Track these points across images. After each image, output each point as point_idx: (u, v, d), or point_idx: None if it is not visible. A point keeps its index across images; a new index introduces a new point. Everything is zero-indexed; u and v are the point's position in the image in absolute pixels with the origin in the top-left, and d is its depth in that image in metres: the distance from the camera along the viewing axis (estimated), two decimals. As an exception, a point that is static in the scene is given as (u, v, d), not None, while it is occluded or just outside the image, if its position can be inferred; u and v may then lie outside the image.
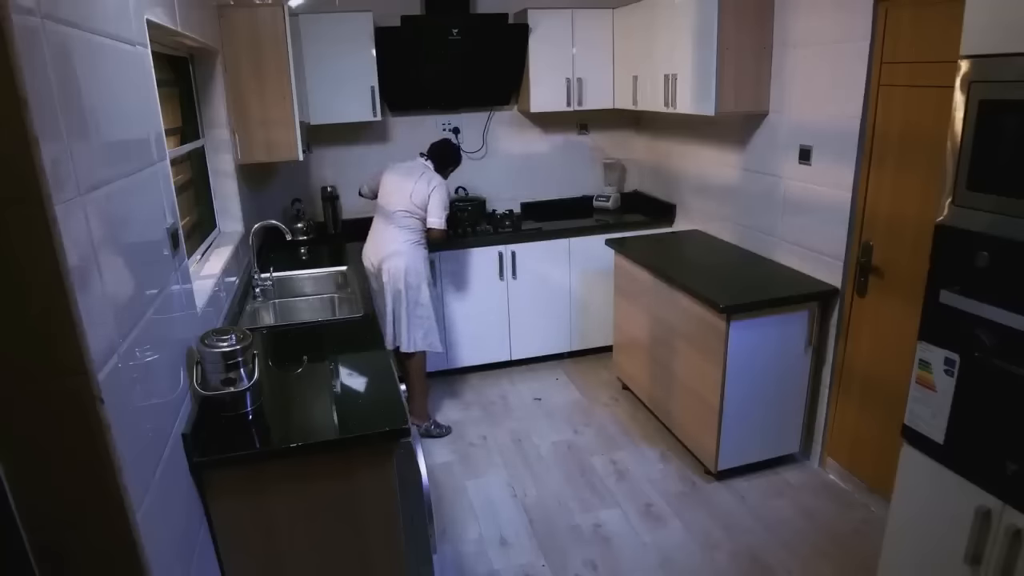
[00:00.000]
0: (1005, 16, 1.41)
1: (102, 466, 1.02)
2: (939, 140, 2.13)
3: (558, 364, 4.09)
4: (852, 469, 2.74)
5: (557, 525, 2.63)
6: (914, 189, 2.35)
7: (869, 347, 2.61)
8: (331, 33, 3.43)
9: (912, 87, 2.30)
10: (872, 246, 2.53)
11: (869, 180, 2.52)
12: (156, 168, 1.50)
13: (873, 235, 2.53)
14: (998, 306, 1.46)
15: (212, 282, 2.16)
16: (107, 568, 1.08)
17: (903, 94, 2.35)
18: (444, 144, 3.34)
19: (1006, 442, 1.48)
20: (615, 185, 4.38)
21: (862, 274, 2.59)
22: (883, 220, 2.49)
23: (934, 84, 2.21)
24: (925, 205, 2.29)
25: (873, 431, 2.60)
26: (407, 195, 3.14)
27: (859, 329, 2.65)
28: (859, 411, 2.68)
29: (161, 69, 2.17)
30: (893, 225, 2.45)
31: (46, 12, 0.96)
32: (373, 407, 1.75)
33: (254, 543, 1.60)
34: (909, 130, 2.34)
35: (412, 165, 3.24)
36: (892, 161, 2.42)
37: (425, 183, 3.14)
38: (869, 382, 2.62)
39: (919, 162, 2.31)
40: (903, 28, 2.31)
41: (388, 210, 3.19)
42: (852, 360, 2.69)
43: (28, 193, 0.89)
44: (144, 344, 1.26)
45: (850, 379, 2.71)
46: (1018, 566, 1.46)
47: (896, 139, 2.39)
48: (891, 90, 2.39)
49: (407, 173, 3.19)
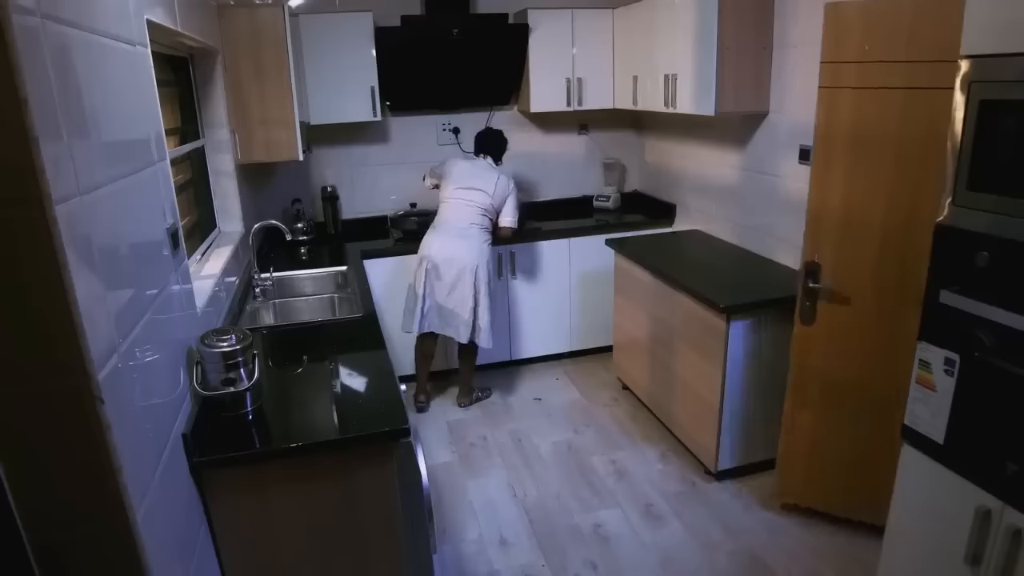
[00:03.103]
0: (1005, 16, 1.41)
1: (102, 466, 1.02)
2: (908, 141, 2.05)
3: (558, 364, 4.09)
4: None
5: (557, 525, 2.63)
6: (877, 193, 2.15)
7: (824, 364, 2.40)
8: (331, 33, 3.43)
9: (865, 89, 2.12)
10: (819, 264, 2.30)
11: (825, 185, 2.26)
12: (156, 168, 1.50)
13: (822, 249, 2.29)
14: (998, 306, 1.46)
15: (212, 282, 2.16)
16: (107, 568, 1.08)
17: (853, 96, 2.15)
18: (492, 135, 3.48)
19: (1006, 442, 1.48)
20: (615, 185, 4.38)
21: (807, 298, 2.31)
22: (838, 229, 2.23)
23: (890, 86, 2.06)
24: (890, 211, 2.12)
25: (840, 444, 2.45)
26: (488, 193, 3.28)
27: (808, 352, 2.42)
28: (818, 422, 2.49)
29: (161, 69, 2.17)
30: (850, 236, 2.22)
31: (46, 12, 0.96)
32: (373, 407, 1.75)
33: (254, 543, 1.60)
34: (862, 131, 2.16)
35: (481, 163, 3.39)
36: (842, 163, 2.21)
37: (505, 183, 3.32)
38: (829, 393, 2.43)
39: (877, 163, 2.13)
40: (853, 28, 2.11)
41: (458, 205, 3.30)
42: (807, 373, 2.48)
43: (28, 193, 0.89)
44: (144, 344, 1.26)
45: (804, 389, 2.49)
46: (1018, 566, 1.46)
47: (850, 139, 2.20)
48: (836, 92, 2.18)
49: (485, 169, 3.34)
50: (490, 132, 3.53)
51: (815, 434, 2.47)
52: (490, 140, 3.47)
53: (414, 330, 3.34)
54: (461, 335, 3.31)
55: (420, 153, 4.01)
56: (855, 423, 2.36)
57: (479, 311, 3.30)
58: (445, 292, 3.27)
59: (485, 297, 3.29)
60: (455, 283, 3.25)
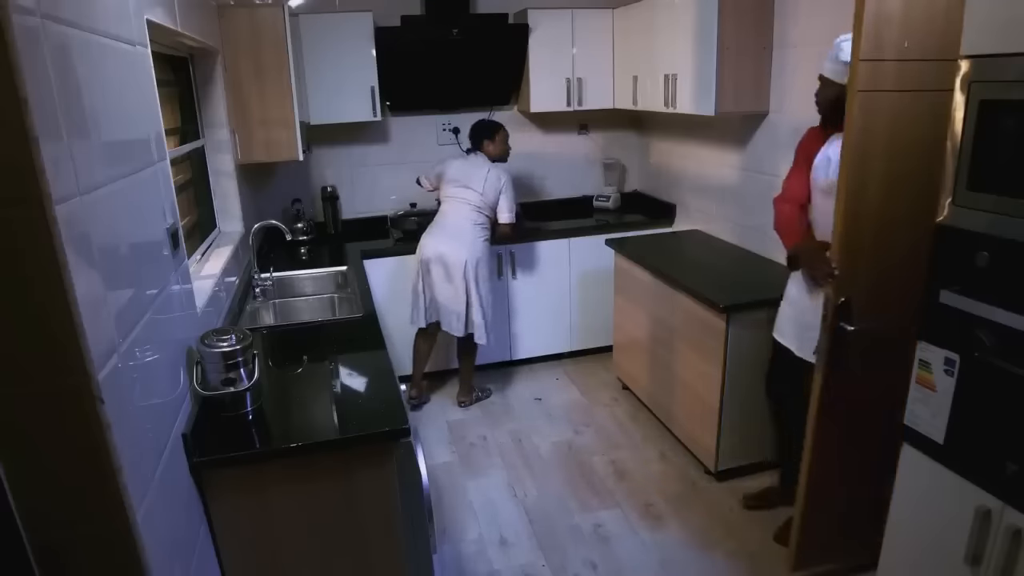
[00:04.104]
0: (1005, 16, 1.40)
1: (102, 466, 1.02)
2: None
3: (558, 364, 4.09)
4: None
5: (557, 525, 2.63)
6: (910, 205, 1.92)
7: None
8: (331, 33, 3.43)
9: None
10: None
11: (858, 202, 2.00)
12: (156, 168, 1.50)
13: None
14: (998, 306, 1.46)
15: (212, 282, 2.16)
16: (107, 568, 1.08)
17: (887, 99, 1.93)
18: (479, 126, 3.42)
19: (1006, 442, 1.48)
20: (615, 185, 4.38)
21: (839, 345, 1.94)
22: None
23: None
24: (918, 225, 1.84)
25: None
26: (478, 191, 3.26)
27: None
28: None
29: (161, 69, 2.17)
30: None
31: (46, 12, 0.96)
32: (373, 407, 1.75)
33: (254, 543, 1.60)
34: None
35: (475, 159, 3.36)
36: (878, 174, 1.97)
37: (496, 176, 3.29)
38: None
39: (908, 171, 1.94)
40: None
41: (454, 201, 3.31)
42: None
43: (28, 193, 0.89)
44: (144, 344, 1.26)
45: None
46: (1018, 567, 1.46)
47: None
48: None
49: (476, 166, 3.32)
50: (478, 124, 3.44)
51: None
52: (479, 131, 3.41)
53: (420, 323, 3.41)
54: (454, 328, 3.35)
55: (420, 153, 4.01)
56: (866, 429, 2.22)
57: (471, 308, 3.32)
58: (438, 289, 3.32)
59: (478, 294, 3.30)
60: (446, 280, 3.29)
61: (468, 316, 3.34)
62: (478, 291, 3.31)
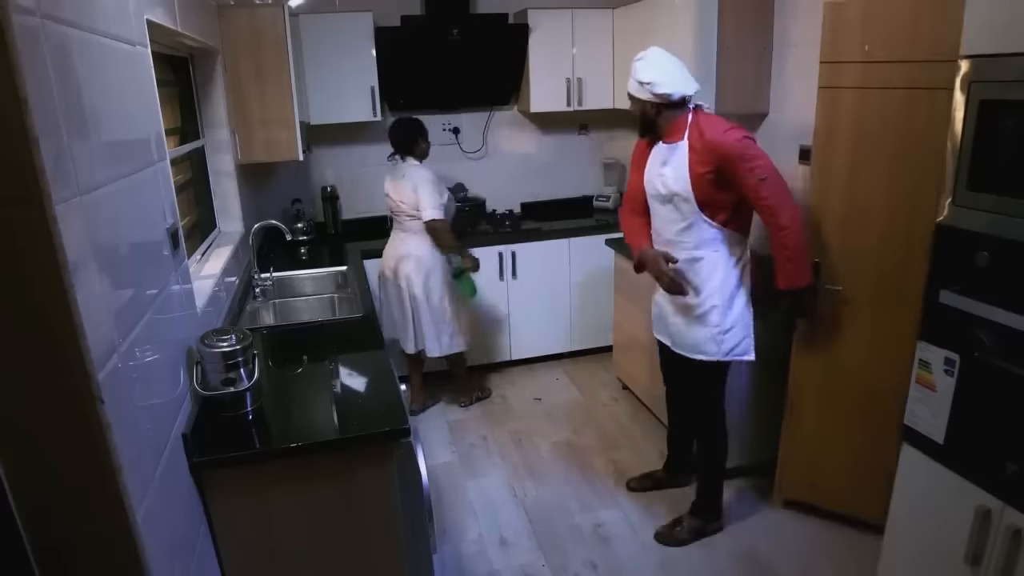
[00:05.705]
0: (1005, 16, 1.41)
1: (102, 466, 1.02)
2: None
3: (558, 364, 4.09)
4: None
5: (557, 525, 2.63)
6: (877, 193, 2.16)
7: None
8: (331, 33, 3.43)
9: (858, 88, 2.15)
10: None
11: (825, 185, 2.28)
12: (156, 168, 1.50)
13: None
14: (998, 306, 1.46)
15: (212, 282, 2.16)
16: (107, 568, 1.08)
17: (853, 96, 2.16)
18: (397, 125, 3.18)
19: (1006, 442, 1.48)
20: (615, 185, 4.38)
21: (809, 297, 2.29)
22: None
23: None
24: (891, 211, 2.12)
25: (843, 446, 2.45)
26: (402, 199, 3.16)
27: (809, 351, 2.44)
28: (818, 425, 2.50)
29: (161, 69, 2.17)
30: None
31: (46, 12, 0.96)
32: (373, 407, 1.75)
33: (254, 543, 1.60)
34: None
35: (395, 167, 3.25)
36: (843, 164, 2.22)
37: (408, 181, 3.13)
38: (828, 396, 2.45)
39: (877, 163, 2.14)
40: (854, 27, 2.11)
41: (396, 217, 3.25)
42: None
43: (28, 193, 0.89)
44: (144, 344, 1.26)
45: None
46: (1018, 566, 1.46)
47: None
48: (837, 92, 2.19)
49: (397, 176, 3.21)
50: (394, 124, 3.19)
51: (816, 431, 2.47)
52: (394, 134, 3.17)
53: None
54: (408, 347, 3.32)
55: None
56: (855, 420, 2.36)
57: (419, 322, 3.24)
58: (395, 306, 3.29)
59: (424, 303, 3.21)
60: (397, 294, 3.25)
61: (417, 331, 3.26)
62: (428, 303, 3.21)
